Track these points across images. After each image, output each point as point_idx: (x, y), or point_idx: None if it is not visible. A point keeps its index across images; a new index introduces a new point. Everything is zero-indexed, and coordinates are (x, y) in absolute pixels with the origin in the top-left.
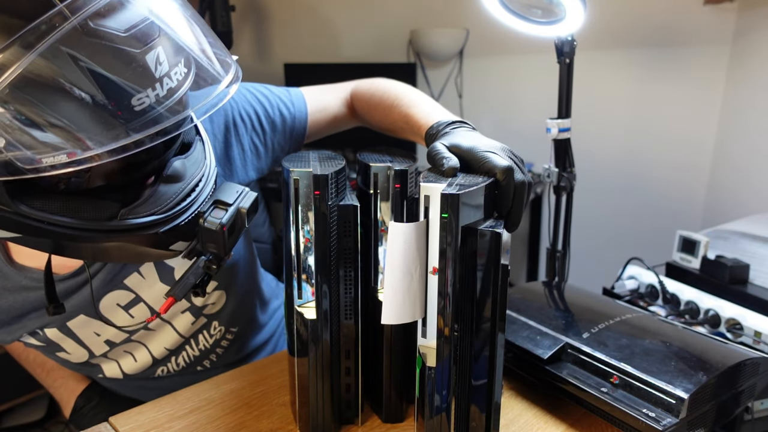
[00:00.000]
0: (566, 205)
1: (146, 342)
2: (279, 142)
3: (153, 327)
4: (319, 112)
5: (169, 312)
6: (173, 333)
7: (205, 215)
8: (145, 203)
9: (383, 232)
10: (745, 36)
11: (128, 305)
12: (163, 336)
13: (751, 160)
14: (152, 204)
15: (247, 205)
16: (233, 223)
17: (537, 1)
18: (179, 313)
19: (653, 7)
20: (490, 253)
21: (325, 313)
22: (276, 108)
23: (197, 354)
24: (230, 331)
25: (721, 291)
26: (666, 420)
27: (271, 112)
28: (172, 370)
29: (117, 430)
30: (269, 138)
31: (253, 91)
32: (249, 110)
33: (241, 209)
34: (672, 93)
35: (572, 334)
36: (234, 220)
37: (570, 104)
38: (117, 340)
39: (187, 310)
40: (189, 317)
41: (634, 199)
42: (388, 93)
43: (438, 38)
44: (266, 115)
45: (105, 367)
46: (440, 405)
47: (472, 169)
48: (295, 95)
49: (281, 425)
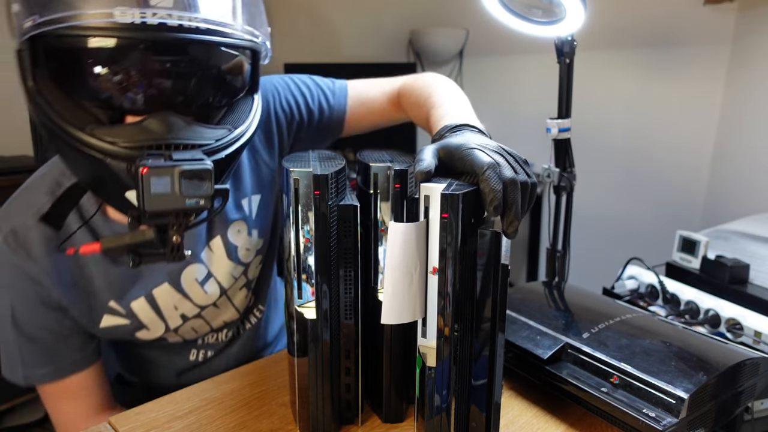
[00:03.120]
0: (566, 205)
1: (210, 319)
2: (313, 133)
3: (219, 304)
4: (359, 106)
5: (231, 288)
6: (233, 309)
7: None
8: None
9: (383, 232)
10: (745, 36)
11: (203, 281)
12: (225, 313)
13: (751, 160)
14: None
15: (192, 167)
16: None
17: (537, 1)
18: (238, 289)
19: (653, 7)
20: (490, 253)
21: (325, 313)
22: (316, 99)
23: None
24: (259, 309)
25: (721, 291)
26: (666, 420)
27: (311, 103)
28: (221, 339)
29: (117, 430)
30: (305, 128)
31: (297, 82)
32: (290, 100)
33: (182, 169)
34: (672, 93)
35: (572, 334)
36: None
37: (570, 104)
38: (190, 314)
39: (244, 287)
40: (245, 293)
41: (634, 199)
42: (424, 90)
43: (438, 38)
44: (306, 105)
45: (172, 339)
46: (440, 405)
47: (456, 167)
48: (339, 88)
49: (281, 425)
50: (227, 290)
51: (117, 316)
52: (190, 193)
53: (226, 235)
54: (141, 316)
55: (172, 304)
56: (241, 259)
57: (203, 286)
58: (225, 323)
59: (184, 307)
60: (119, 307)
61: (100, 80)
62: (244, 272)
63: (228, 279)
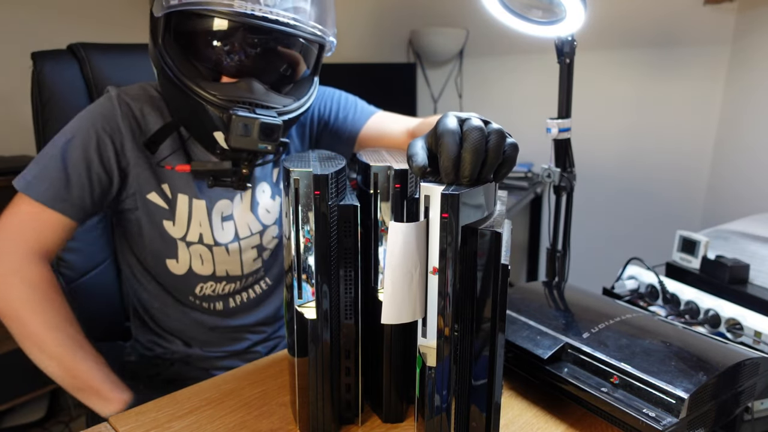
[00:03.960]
0: (566, 205)
1: (217, 261)
2: (333, 136)
3: (230, 250)
4: (374, 130)
5: (244, 240)
6: (238, 264)
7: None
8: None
9: (383, 232)
10: (745, 36)
11: (225, 218)
12: (231, 263)
13: (751, 160)
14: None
15: (268, 121)
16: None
17: (537, 1)
18: (250, 248)
19: (653, 7)
20: (490, 253)
21: (325, 313)
22: (345, 109)
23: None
24: (266, 281)
25: (721, 291)
26: (666, 420)
27: (341, 110)
28: (217, 290)
29: (117, 430)
30: (329, 128)
31: (340, 92)
32: (327, 102)
33: (261, 121)
34: (672, 93)
35: (572, 334)
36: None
37: (570, 104)
38: (206, 239)
39: (255, 248)
40: (254, 255)
41: (634, 199)
42: (436, 118)
43: (438, 38)
44: (336, 110)
45: (181, 256)
46: (440, 405)
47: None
48: (366, 109)
49: (281, 425)
50: (241, 239)
51: (162, 198)
52: (264, 139)
53: (254, 190)
54: (178, 209)
55: (198, 220)
56: (261, 219)
57: (223, 222)
58: (227, 274)
59: (205, 230)
60: (169, 192)
61: (212, 49)
62: (260, 233)
63: (244, 229)
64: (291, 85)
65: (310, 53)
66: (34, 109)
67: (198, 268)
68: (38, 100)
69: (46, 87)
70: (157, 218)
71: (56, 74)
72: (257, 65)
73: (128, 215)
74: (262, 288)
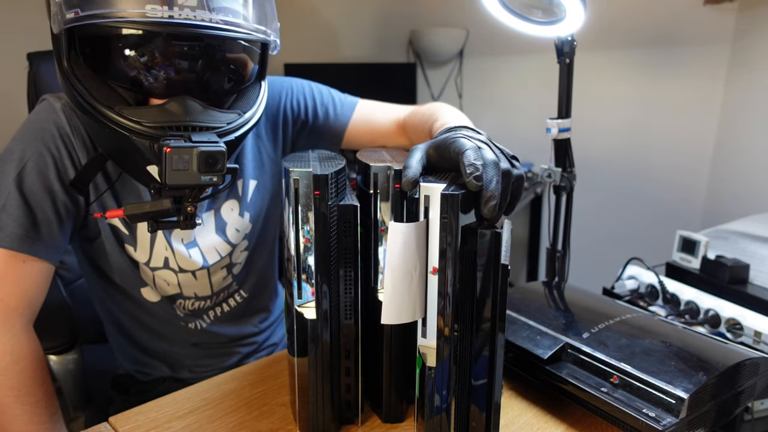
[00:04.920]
0: (566, 205)
1: (183, 284)
2: (314, 135)
3: (198, 276)
4: (362, 123)
5: (213, 266)
6: (208, 286)
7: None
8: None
9: (383, 232)
10: (745, 36)
11: (189, 245)
12: (199, 286)
13: (751, 160)
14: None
15: (208, 149)
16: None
17: (537, 1)
18: (219, 268)
19: (653, 7)
20: (490, 253)
21: (325, 313)
22: (324, 104)
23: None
24: (240, 294)
25: (721, 291)
26: (666, 420)
27: (318, 106)
28: (188, 308)
29: (117, 430)
30: (308, 128)
31: (312, 86)
32: (301, 100)
33: (200, 150)
34: (672, 93)
35: (572, 334)
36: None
37: (570, 104)
38: (171, 264)
39: (225, 268)
40: (224, 274)
41: (634, 199)
42: (428, 111)
43: (438, 38)
44: (314, 107)
45: (144, 289)
46: (440, 405)
47: (445, 160)
48: (349, 101)
49: (281, 425)
50: (210, 266)
51: (122, 222)
52: (206, 170)
53: (219, 210)
54: (139, 234)
55: (163, 245)
56: (229, 239)
57: (188, 249)
58: (195, 295)
59: (170, 254)
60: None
61: (130, 66)
62: (230, 254)
63: (212, 254)
64: (234, 97)
65: (251, 55)
66: (30, 110)
67: (165, 286)
68: (34, 101)
69: (42, 87)
70: (119, 244)
71: (52, 74)
72: (188, 80)
73: (91, 242)
74: (237, 301)
